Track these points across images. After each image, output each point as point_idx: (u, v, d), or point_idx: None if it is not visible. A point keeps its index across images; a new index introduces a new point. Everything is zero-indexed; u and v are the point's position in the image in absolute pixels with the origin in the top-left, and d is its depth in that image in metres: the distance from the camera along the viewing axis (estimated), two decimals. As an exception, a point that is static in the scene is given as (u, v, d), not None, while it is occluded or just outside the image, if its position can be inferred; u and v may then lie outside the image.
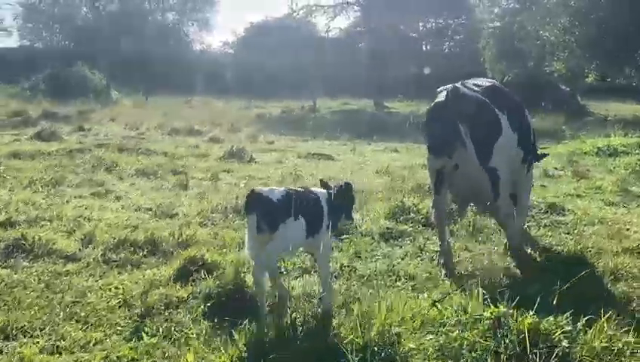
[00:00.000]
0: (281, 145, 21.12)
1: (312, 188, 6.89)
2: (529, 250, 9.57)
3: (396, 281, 7.90)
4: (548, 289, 6.61)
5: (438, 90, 8.99)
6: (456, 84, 8.58)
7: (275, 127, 27.24)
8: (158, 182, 13.44)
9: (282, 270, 7.79)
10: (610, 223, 11.56)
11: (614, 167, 18.08)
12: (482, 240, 10.17)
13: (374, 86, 49.72)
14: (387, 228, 10.17)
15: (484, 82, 9.34)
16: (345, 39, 60.75)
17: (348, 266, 8.27)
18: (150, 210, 10.95)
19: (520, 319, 5.46)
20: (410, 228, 10.38)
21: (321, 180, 7.20)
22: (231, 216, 10.76)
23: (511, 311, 5.61)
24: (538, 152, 10.40)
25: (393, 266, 8.37)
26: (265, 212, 6.08)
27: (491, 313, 5.52)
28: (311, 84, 47.84)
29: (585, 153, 20.53)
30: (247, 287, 6.89)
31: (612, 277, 8.11)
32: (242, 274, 7.12)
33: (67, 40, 62.42)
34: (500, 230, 10.49)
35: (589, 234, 10.66)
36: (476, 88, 8.77)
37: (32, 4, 64.53)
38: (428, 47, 66.61)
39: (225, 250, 8.70)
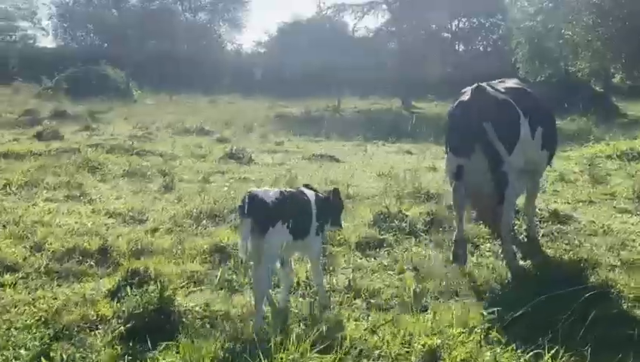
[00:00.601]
0: (291, 146, 20.44)
1: (305, 190, 6.88)
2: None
3: (354, 298, 7.18)
4: (521, 306, 6.25)
5: (463, 90, 8.98)
6: (481, 84, 8.50)
7: (294, 127, 26.53)
8: (142, 185, 12.85)
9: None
10: (616, 233, 10.74)
11: (636, 172, 17.13)
12: (471, 251, 9.47)
13: (404, 86, 48.83)
14: (364, 237, 9.45)
15: (509, 83, 9.36)
16: (375, 39, 60.18)
17: (306, 281, 7.56)
18: (120, 214, 10.34)
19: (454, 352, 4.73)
20: (392, 238, 9.68)
21: (305, 185, 7.19)
22: (205, 221, 10.16)
23: (450, 341, 4.90)
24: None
25: (356, 281, 7.64)
26: (258, 214, 6.09)
27: (423, 344, 4.81)
28: (337, 84, 47.12)
29: (607, 156, 19.53)
30: (174, 306, 6.22)
31: (595, 294, 7.28)
32: (171, 292, 6.44)
33: (99, 40, 62.55)
34: (490, 239, 9.81)
35: (591, 245, 9.89)
36: (501, 89, 8.73)
37: (66, 3, 64.82)
38: (461, 47, 65.46)
39: (180, 260, 8.07)
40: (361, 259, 8.77)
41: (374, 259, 8.83)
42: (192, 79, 48.37)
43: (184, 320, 6.09)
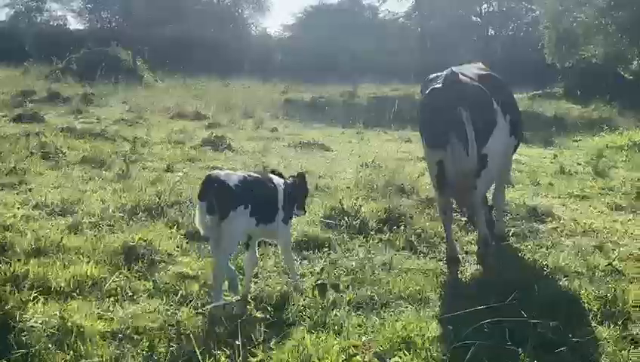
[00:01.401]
0: (284, 133, 19.50)
1: (271, 176, 6.75)
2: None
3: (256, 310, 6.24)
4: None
5: (430, 77, 8.66)
6: (453, 70, 8.10)
7: (300, 113, 25.57)
8: (96, 172, 12.01)
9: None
10: (597, 233, 9.70)
11: (644, 164, 15.99)
12: (423, 252, 8.54)
13: (428, 71, 47.52)
14: (305, 236, 8.50)
15: (478, 69, 9.03)
16: (401, 23, 59.15)
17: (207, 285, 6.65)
18: (49, 206, 9.46)
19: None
20: (336, 237, 8.71)
21: (272, 170, 7.13)
22: (141, 214, 9.26)
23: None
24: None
25: (265, 290, 6.73)
26: (217, 196, 5.97)
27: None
28: (360, 69, 46.12)
29: (619, 147, 18.31)
30: (13, 317, 5.32)
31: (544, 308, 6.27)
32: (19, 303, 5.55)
33: (123, 22, 61.80)
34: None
35: (565, 247, 8.90)
36: (471, 75, 8.41)
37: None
38: (492, 32, 63.75)
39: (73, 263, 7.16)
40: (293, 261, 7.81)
41: (308, 262, 7.90)
42: (213, 63, 47.51)
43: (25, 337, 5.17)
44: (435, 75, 8.56)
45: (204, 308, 6.01)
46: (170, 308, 6.16)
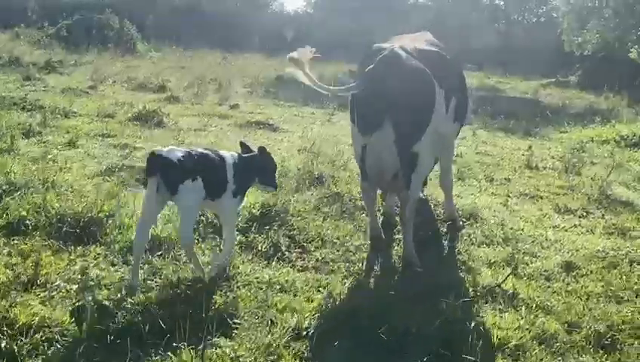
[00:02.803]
0: (242, 110, 18.04)
1: (218, 150, 6.65)
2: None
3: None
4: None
5: (373, 47, 7.56)
6: (394, 47, 7.13)
7: (282, 90, 23.98)
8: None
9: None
10: (517, 243, 8.23)
11: (626, 161, 14.35)
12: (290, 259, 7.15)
13: (448, 54, 45.81)
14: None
15: (427, 46, 8.05)
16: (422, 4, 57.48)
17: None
18: None
19: None
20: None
21: (240, 142, 7.06)
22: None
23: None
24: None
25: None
26: (165, 173, 5.95)
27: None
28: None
29: (603, 141, 16.63)
30: None
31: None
32: None
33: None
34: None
35: (464, 260, 7.46)
36: (414, 52, 7.36)
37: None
38: (516, 17, 61.44)
39: None
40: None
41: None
42: (223, 37, 46.04)
43: None
44: (378, 46, 7.50)
45: None
46: None
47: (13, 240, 6.73)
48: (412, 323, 5.60)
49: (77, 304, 5.30)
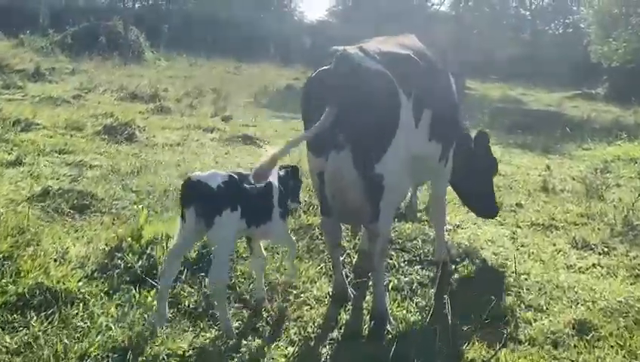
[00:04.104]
0: (237, 123, 16.70)
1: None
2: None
3: None
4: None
5: (331, 50, 5.87)
6: (351, 49, 5.71)
7: (287, 102, 22.62)
8: None
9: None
10: (510, 293, 6.75)
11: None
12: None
13: (469, 65, 44.45)
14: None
15: (398, 49, 6.33)
16: (447, 14, 55.98)
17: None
18: None
19: None
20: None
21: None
22: None
23: None
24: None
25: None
26: (201, 203, 5.25)
27: None
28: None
29: (631, 160, 14.96)
30: None
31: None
32: None
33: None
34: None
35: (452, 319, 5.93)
36: (376, 55, 5.82)
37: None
38: (542, 27, 59.82)
39: None
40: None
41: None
42: (238, 45, 45.07)
43: None
44: (334, 49, 5.85)
45: None
46: None
47: None
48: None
49: None
